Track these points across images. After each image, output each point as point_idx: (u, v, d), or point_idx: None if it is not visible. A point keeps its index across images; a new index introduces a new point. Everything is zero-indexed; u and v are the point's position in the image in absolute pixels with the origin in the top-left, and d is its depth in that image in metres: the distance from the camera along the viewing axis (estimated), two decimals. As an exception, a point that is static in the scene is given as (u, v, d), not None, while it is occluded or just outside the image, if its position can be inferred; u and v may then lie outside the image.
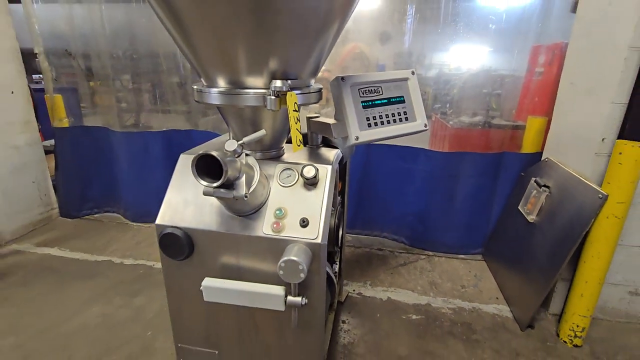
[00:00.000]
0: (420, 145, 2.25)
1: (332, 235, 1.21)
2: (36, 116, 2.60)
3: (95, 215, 2.76)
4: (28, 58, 2.46)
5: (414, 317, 1.80)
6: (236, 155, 0.94)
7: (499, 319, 1.80)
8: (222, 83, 1.00)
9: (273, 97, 0.92)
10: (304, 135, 1.34)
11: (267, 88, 0.95)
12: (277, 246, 0.99)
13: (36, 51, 2.41)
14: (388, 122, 1.22)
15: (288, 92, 0.92)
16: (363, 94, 1.19)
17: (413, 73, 1.29)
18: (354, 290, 1.98)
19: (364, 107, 1.18)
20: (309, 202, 1.04)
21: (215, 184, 0.85)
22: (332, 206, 1.28)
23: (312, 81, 1.15)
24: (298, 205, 1.03)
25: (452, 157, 2.21)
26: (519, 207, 1.98)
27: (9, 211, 2.32)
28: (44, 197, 2.58)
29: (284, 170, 1.09)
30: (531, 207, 1.87)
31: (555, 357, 1.57)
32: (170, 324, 1.20)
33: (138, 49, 2.46)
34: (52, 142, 2.58)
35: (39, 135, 2.51)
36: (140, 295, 1.89)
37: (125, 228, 2.63)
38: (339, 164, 1.33)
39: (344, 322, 1.75)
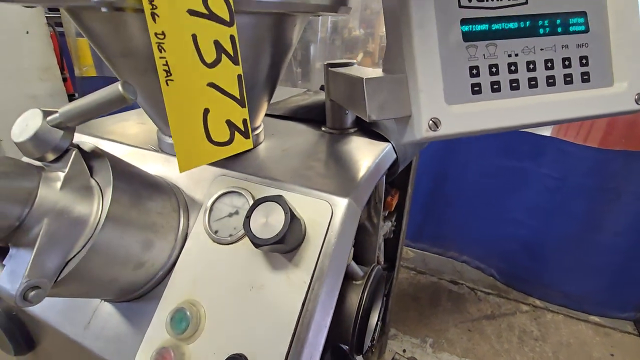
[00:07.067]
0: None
1: (359, 340, 0.53)
2: (66, 64, 2.32)
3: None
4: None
5: None
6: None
7: None
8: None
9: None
10: (316, 107, 0.65)
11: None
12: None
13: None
14: (533, 85, 0.45)
15: None
16: (465, 2, 0.42)
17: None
18: (404, 351, 1.29)
19: (465, 38, 0.42)
20: (265, 297, 0.37)
21: None
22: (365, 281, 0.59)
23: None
24: (237, 306, 0.37)
25: (606, 157, 1.27)
26: None
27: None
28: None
29: (223, 194, 0.42)
30: None
31: None
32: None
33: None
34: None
35: (62, 85, 2.23)
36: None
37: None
38: (392, 171, 0.61)
39: (379, 408, 1.10)
